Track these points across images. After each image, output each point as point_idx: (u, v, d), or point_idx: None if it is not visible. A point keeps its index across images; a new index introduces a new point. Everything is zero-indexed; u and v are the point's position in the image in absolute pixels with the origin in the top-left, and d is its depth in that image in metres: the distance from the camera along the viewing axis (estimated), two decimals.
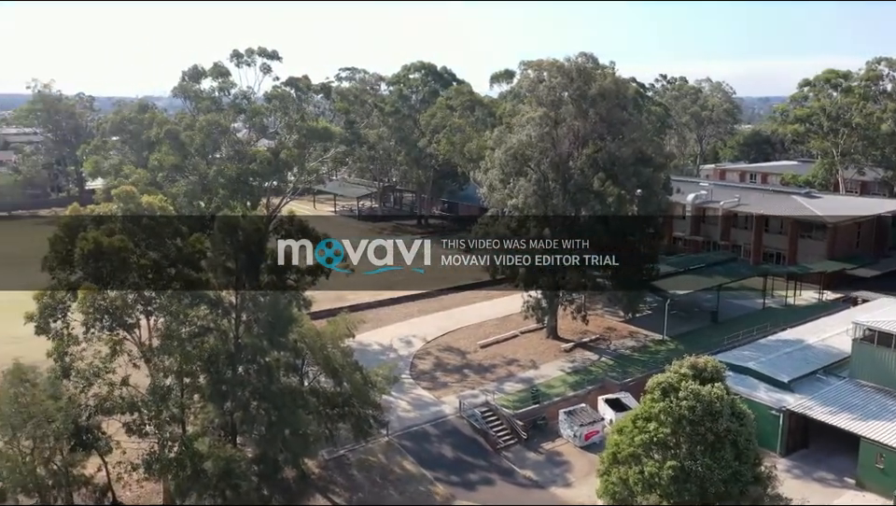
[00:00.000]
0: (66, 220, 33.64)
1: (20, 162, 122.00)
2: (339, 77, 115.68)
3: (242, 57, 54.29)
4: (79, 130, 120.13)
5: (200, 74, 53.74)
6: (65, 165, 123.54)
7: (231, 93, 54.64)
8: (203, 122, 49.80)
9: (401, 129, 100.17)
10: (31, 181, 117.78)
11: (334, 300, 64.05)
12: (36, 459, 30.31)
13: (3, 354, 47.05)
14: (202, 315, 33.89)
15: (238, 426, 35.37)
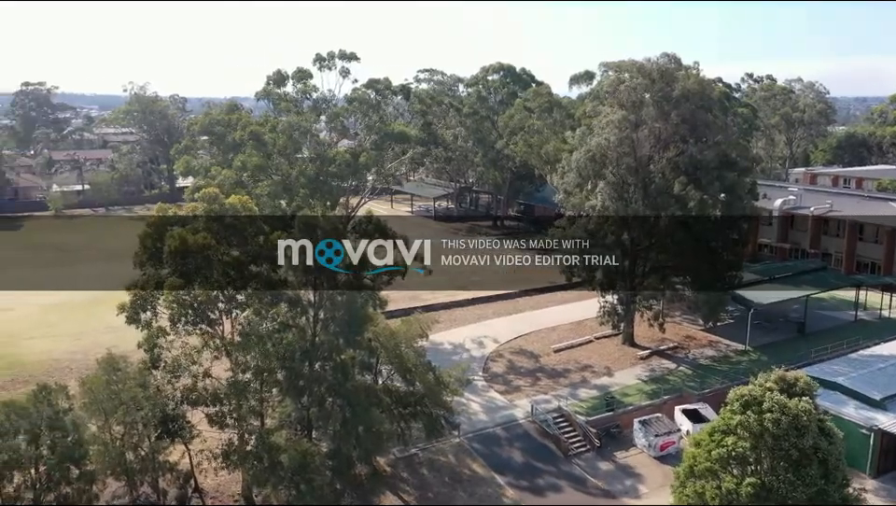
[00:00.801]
0: (155, 219, 35.19)
1: (116, 161, 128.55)
2: (417, 78, 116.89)
3: (324, 60, 55.54)
4: (172, 130, 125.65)
5: (284, 77, 55.33)
6: (158, 164, 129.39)
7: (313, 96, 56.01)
8: (286, 125, 51.24)
9: (479, 130, 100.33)
10: (126, 178, 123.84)
11: (409, 299, 64.79)
12: (126, 444, 31.87)
13: (100, 342, 50.13)
14: (281, 312, 34.86)
15: (314, 421, 36.23)
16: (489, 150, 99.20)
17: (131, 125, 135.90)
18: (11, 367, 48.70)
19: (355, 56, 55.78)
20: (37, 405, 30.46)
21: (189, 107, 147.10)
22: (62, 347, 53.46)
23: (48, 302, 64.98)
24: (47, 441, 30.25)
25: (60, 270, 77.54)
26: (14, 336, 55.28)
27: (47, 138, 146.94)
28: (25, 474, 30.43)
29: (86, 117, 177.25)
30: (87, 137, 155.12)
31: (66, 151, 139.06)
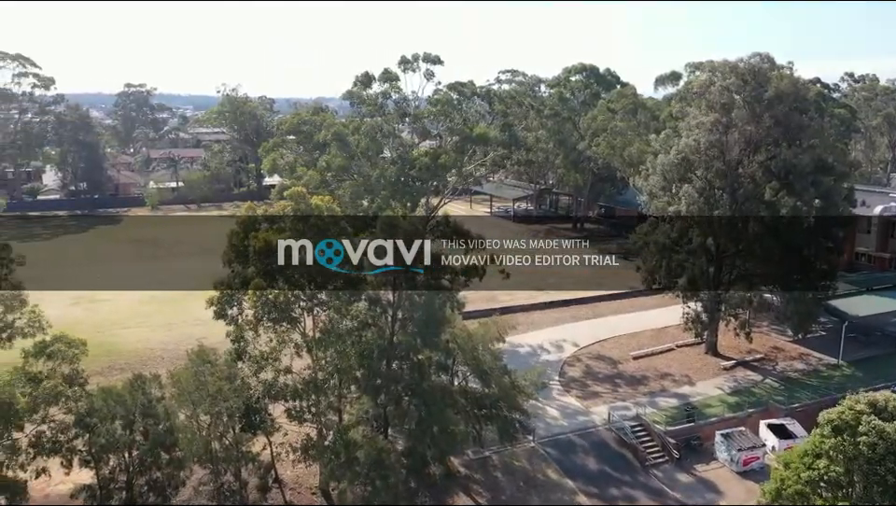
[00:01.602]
0: (243, 218, 36.46)
1: (208, 159, 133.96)
2: (499, 79, 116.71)
3: (408, 63, 56.18)
4: (260, 130, 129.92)
5: (370, 79, 56.32)
6: (247, 162, 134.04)
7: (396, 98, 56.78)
8: (369, 126, 52.15)
9: (560, 132, 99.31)
10: (217, 176, 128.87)
11: (487, 300, 64.81)
12: (211, 434, 33.19)
13: (190, 334, 52.49)
14: (360, 311, 35.53)
15: (390, 419, 36.77)
16: (570, 152, 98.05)
17: (222, 125, 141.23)
18: (109, 354, 51.48)
19: (439, 59, 56.19)
20: (132, 393, 32.15)
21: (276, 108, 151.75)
22: (155, 337, 56.16)
23: (143, 293, 68.37)
24: (140, 427, 31.90)
25: (154, 263, 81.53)
26: (112, 325, 58.45)
27: (145, 137, 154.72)
28: (120, 457, 32.18)
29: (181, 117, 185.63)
30: (182, 137, 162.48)
31: (163, 150, 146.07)
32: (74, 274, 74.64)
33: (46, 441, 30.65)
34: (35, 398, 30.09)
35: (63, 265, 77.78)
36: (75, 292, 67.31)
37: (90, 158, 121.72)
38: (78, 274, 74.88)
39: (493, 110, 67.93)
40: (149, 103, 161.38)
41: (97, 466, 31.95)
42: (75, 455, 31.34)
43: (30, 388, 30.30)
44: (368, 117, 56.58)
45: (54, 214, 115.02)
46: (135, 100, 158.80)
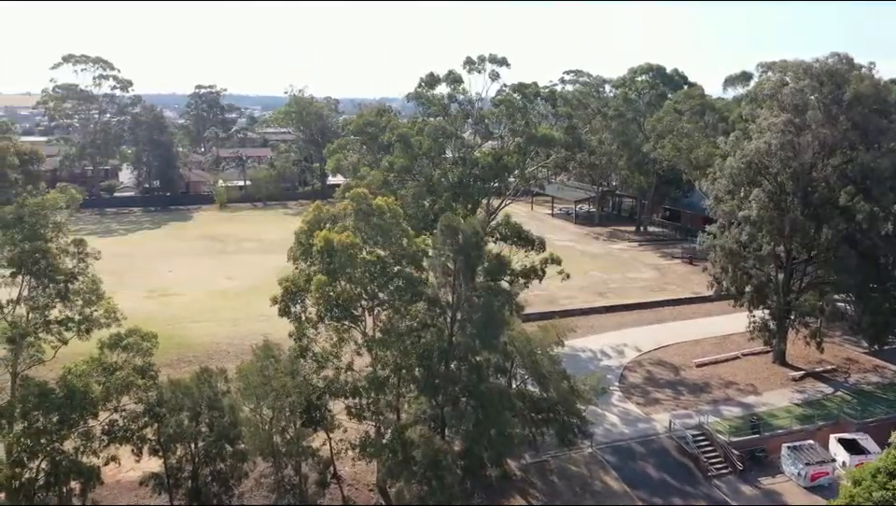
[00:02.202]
0: (309, 217, 37.21)
1: (275, 159, 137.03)
2: (563, 80, 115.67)
3: (474, 64, 56.23)
4: (325, 130, 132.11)
5: (435, 80, 56.58)
6: (311, 162, 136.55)
7: (460, 99, 56.90)
8: (432, 127, 52.39)
9: (624, 133, 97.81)
10: (283, 175, 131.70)
11: (546, 303, 64.46)
12: (273, 428, 33.96)
13: (255, 329, 53.79)
14: (420, 311, 35.79)
15: (447, 420, 36.90)
16: (634, 153, 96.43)
17: (289, 125, 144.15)
18: (178, 347, 53.27)
19: (505, 61, 56.07)
20: (200, 386, 33.19)
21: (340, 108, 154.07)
22: (222, 332, 57.80)
23: (211, 288, 70.49)
24: (206, 419, 32.91)
25: (222, 260, 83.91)
26: (182, 319, 60.44)
27: (216, 137, 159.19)
28: (186, 448, 33.27)
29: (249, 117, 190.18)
30: (250, 136, 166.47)
31: (232, 149, 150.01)
32: (147, 269, 77.54)
33: (118, 429, 31.94)
34: (109, 387, 31.38)
35: (138, 260, 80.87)
36: (148, 286, 69.92)
37: (163, 157, 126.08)
38: (151, 269, 77.75)
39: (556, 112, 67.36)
40: (220, 103, 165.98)
41: (165, 455, 33.12)
42: (144, 443, 32.56)
43: (104, 378, 31.61)
44: (431, 117, 56.86)
45: (129, 210, 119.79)
46: (206, 100, 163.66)
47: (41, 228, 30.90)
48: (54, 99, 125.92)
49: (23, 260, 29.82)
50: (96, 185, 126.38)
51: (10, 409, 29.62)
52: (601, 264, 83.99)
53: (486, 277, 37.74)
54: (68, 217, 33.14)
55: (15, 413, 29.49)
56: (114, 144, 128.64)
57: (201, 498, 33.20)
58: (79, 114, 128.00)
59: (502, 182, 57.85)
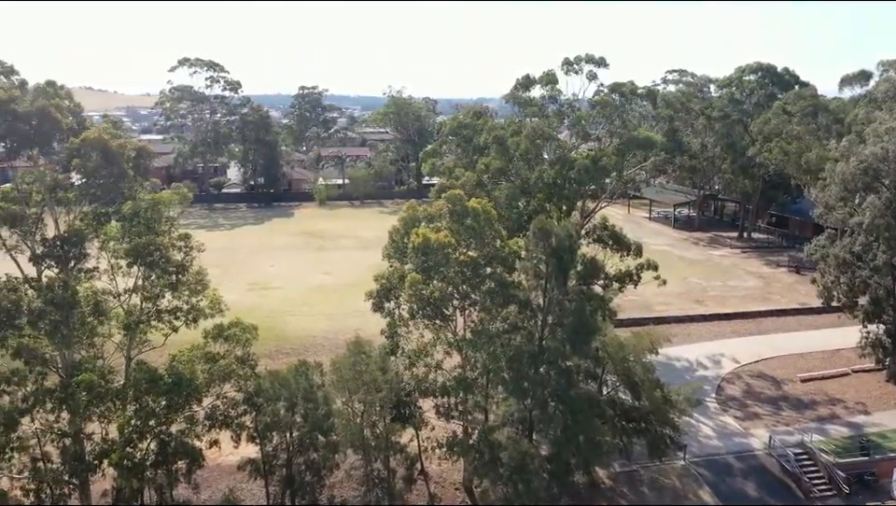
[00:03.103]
0: (404, 216, 37.87)
1: (373, 158, 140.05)
2: (665, 79, 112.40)
3: (571, 64, 55.60)
4: (423, 130, 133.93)
5: (530, 82, 56.30)
6: (408, 162, 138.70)
7: (557, 100, 56.39)
8: (529, 129, 52.13)
9: (729, 135, 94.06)
10: (380, 175, 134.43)
11: (641, 309, 62.95)
12: (364, 422, 34.79)
13: (349, 325, 55.22)
14: (511, 313, 35.74)
15: (535, 423, 36.70)
16: (739, 156, 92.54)
17: (387, 125, 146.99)
18: (277, 339, 55.36)
19: (603, 61, 55.15)
20: (296, 377, 34.40)
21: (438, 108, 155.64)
22: (317, 326, 59.64)
23: (309, 283, 72.83)
24: (301, 410, 34.05)
25: (320, 255, 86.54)
26: (281, 313, 62.74)
27: (317, 136, 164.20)
28: (282, 436, 34.55)
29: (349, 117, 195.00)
30: (349, 136, 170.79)
31: (332, 148, 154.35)
32: (250, 263, 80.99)
33: (219, 414, 33.52)
34: (212, 375, 33.00)
35: (242, 254, 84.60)
36: (250, 280, 73.01)
37: (268, 155, 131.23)
38: (254, 263, 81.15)
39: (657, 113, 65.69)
40: (321, 103, 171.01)
41: (262, 442, 34.52)
42: (243, 430, 34.03)
43: (208, 366, 33.26)
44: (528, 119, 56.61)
45: (236, 206, 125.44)
46: (309, 101, 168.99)
47: (155, 222, 32.82)
48: (170, 100, 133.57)
49: (138, 252, 31.75)
50: (206, 181, 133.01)
51: (124, 392, 31.63)
52: (700, 271, 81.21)
53: (579, 281, 37.26)
54: (180, 213, 35.02)
55: (128, 395, 31.49)
56: (223, 142, 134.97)
57: (294, 486, 34.42)
58: (192, 114, 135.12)
59: (598, 184, 56.88)
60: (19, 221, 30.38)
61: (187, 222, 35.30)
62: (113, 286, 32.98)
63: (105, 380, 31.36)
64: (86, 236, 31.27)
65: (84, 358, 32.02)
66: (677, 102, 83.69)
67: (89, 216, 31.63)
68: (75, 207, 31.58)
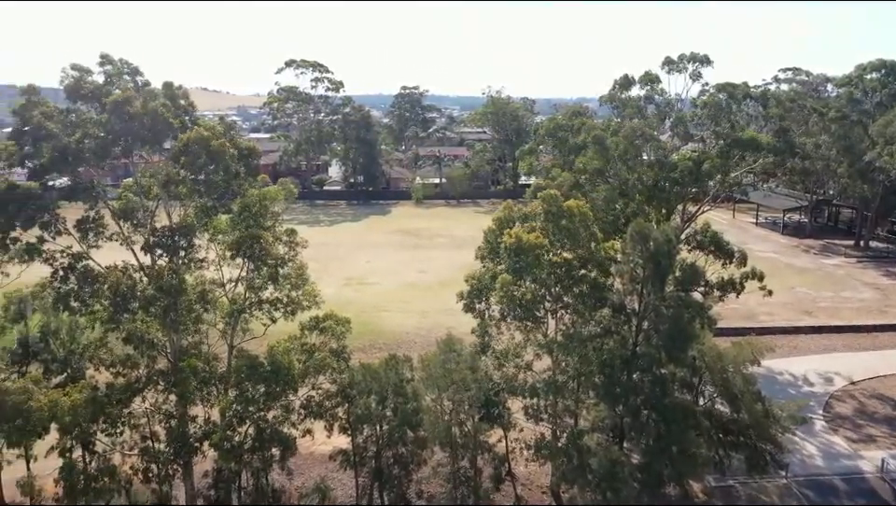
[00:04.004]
0: (499, 215, 37.79)
1: (470, 158, 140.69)
2: (777, 78, 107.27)
3: (673, 63, 53.93)
4: (520, 130, 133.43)
5: (629, 82, 54.96)
6: (505, 162, 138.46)
7: (657, 100, 54.83)
8: (628, 129, 50.90)
9: (846, 137, 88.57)
10: (477, 174, 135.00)
11: (743, 318, 60.47)
12: (452, 420, 34.94)
13: (440, 322, 55.79)
14: (604, 317, 35.01)
15: (627, 431, 35.80)
16: (857, 160, 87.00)
17: (485, 125, 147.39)
18: (371, 334, 56.58)
19: (707, 60, 53.18)
20: (387, 372, 35.00)
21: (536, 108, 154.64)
22: (410, 322, 60.52)
23: (404, 280, 74.03)
24: (391, 404, 34.61)
25: (415, 253, 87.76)
26: (376, 308, 64.09)
27: (416, 136, 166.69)
28: (372, 429, 35.23)
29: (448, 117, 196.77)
30: (448, 135, 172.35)
31: (430, 148, 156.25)
32: (347, 259, 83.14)
33: (313, 405, 34.52)
34: (308, 366, 34.06)
35: (340, 250, 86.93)
36: (347, 275, 74.97)
37: (368, 154, 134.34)
38: (351, 259, 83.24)
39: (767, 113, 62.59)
40: (421, 103, 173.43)
41: (353, 434, 35.32)
42: (335, 421, 34.92)
43: (304, 357, 34.37)
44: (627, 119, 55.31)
45: (336, 203, 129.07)
46: (409, 101, 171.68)
47: (261, 217, 34.21)
48: (277, 100, 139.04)
49: (243, 245, 33.21)
50: (308, 178, 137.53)
51: (226, 377, 33.14)
52: (809, 280, 76.97)
53: (677, 287, 36.00)
54: (284, 209, 36.34)
55: (230, 381, 32.96)
56: (326, 141, 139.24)
57: (382, 479, 35.05)
58: (298, 113, 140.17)
59: (701, 187, 54.85)
60: (135, 213, 32.40)
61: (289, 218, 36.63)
62: (219, 276, 34.65)
63: (208, 366, 32.97)
64: (195, 228, 32.94)
65: (190, 344, 33.77)
66: (788, 101, 79.55)
67: (198, 209, 33.28)
68: (187, 201, 33.32)
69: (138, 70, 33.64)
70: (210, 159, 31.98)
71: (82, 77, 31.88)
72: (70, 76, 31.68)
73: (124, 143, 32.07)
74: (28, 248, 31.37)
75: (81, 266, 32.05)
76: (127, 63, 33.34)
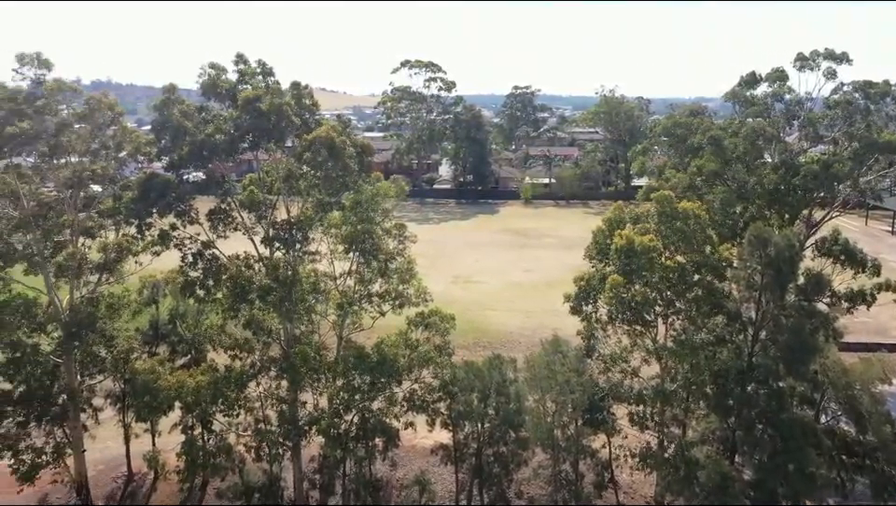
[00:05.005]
0: (609, 216, 37.01)
1: (580, 158, 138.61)
2: None
3: (806, 60, 50.85)
4: (634, 131, 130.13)
5: (756, 79, 52.27)
6: (617, 163, 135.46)
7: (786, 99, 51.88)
8: (749, 129, 48.45)
9: None
10: (587, 175, 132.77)
11: (873, 333, 56.55)
12: (555, 422, 34.56)
13: (545, 323, 55.34)
14: (718, 325, 33.58)
15: (739, 445, 34.17)
16: None
17: (597, 125, 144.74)
18: (475, 332, 56.86)
19: (846, 57, 49.72)
20: (491, 371, 35.08)
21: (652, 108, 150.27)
22: (514, 322, 60.36)
23: (510, 279, 73.92)
24: (493, 402, 34.66)
25: (522, 253, 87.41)
26: (481, 306, 64.35)
27: (526, 136, 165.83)
28: (473, 426, 35.42)
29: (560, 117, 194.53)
30: (559, 135, 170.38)
31: (540, 148, 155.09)
32: (455, 256, 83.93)
33: (416, 399, 35.10)
34: (412, 360, 34.68)
35: (448, 247, 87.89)
36: (454, 272, 75.68)
37: (478, 153, 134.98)
38: (458, 257, 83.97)
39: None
40: (533, 103, 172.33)
41: (454, 430, 35.63)
42: (437, 416, 35.35)
43: (409, 351, 35.00)
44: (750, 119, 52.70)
45: (445, 201, 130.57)
46: (521, 100, 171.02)
47: (372, 212, 35.16)
48: (391, 100, 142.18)
49: (355, 239, 34.23)
50: (419, 177, 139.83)
51: (335, 366, 34.26)
52: None
53: (798, 296, 34.00)
54: (395, 205, 37.16)
55: (338, 370, 34.06)
56: (436, 140, 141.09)
57: (482, 476, 35.16)
58: (410, 113, 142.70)
59: (829, 192, 51.47)
60: (257, 206, 34.09)
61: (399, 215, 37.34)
62: (331, 269, 35.87)
63: (318, 354, 34.18)
64: (311, 222, 34.26)
65: (302, 333, 35.14)
66: None
67: (315, 204, 34.58)
68: (305, 196, 34.74)
69: (271, 71, 35.34)
70: (331, 156, 33.19)
71: (219, 74, 33.95)
72: (207, 73, 33.81)
73: (252, 138, 33.84)
74: (162, 234, 33.90)
75: (209, 253, 34.17)
76: (262, 64, 35.11)
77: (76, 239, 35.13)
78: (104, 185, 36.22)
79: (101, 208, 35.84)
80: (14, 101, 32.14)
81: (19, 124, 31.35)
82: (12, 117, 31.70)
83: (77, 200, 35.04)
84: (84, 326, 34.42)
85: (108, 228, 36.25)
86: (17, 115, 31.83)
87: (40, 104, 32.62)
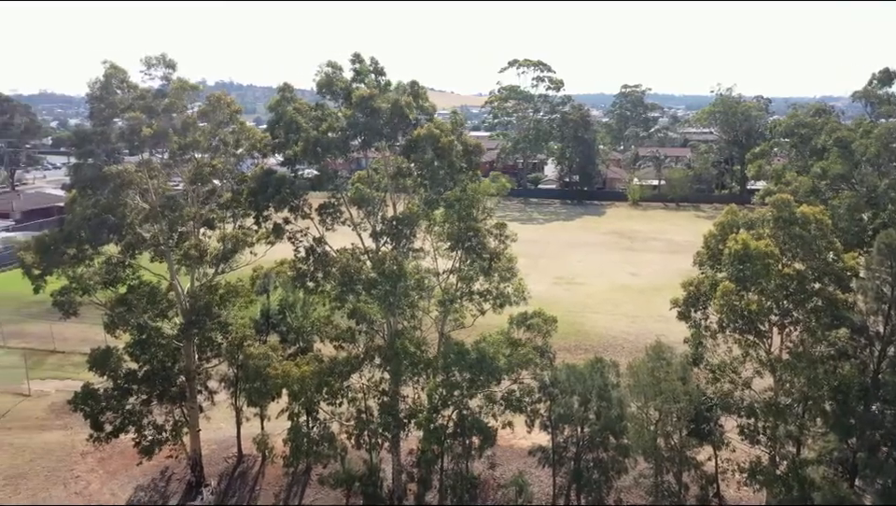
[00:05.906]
0: (722, 220, 35.42)
1: (693, 159, 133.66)
2: None
3: None
4: (751, 132, 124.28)
5: (891, 77, 48.65)
6: (731, 165, 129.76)
7: None
8: (882, 129, 45.14)
9: None
10: (699, 177, 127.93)
11: None
12: (658, 431, 33.45)
13: (650, 329, 53.78)
14: (841, 338, 31.48)
15: (860, 467, 31.95)
16: None
17: (712, 125, 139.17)
18: (577, 334, 55.96)
19: None
20: (592, 374, 34.35)
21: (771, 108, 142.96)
22: (618, 326, 58.96)
23: (614, 282, 72.30)
24: (594, 407, 33.96)
25: (628, 255, 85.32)
26: (584, 309, 63.29)
27: (636, 136, 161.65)
28: (573, 430, 34.83)
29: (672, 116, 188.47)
30: (670, 136, 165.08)
31: (650, 148, 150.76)
32: (558, 257, 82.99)
33: (515, 399, 34.84)
34: (512, 360, 34.44)
35: (551, 248, 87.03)
36: (557, 273, 74.82)
37: (584, 153, 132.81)
38: (562, 258, 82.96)
39: None
40: (643, 102, 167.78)
41: (553, 432, 35.15)
42: (536, 417, 34.95)
43: (509, 351, 34.80)
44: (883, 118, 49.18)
45: (550, 201, 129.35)
46: (631, 100, 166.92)
47: (474, 210, 35.22)
48: (498, 99, 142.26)
49: (459, 237, 34.42)
50: (524, 176, 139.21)
51: (436, 362, 34.57)
52: None
53: None
54: (497, 203, 37.06)
55: (438, 365, 34.36)
56: (543, 140, 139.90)
57: (581, 481, 34.52)
58: (517, 112, 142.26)
59: None
60: (366, 202, 34.89)
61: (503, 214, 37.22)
62: (434, 265, 36.23)
63: (420, 349, 34.59)
64: (417, 219, 34.73)
65: (405, 328, 35.69)
66: None
67: (422, 201, 35.03)
68: (412, 193, 35.28)
69: (382, 70, 36.10)
70: (437, 154, 33.54)
71: (335, 73, 35.00)
72: (324, 71, 34.91)
73: (364, 136, 34.70)
74: (275, 228, 35.43)
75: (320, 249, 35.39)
76: (375, 62, 35.93)
77: (197, 230, 37.22)
78: (222, 179, 38.17)
79: (220, 201, 37.80)
80: (144, 99, 34.45)
81: (153, 126, 33.57)
82: (145, 116, 33.98)
83: (200, 193, 37.13)
84: (202, 313, 36.43)
85: (227, 220, 38.17)
86: (147, 112, 34.11)
87: (167, 101, 34.77)
